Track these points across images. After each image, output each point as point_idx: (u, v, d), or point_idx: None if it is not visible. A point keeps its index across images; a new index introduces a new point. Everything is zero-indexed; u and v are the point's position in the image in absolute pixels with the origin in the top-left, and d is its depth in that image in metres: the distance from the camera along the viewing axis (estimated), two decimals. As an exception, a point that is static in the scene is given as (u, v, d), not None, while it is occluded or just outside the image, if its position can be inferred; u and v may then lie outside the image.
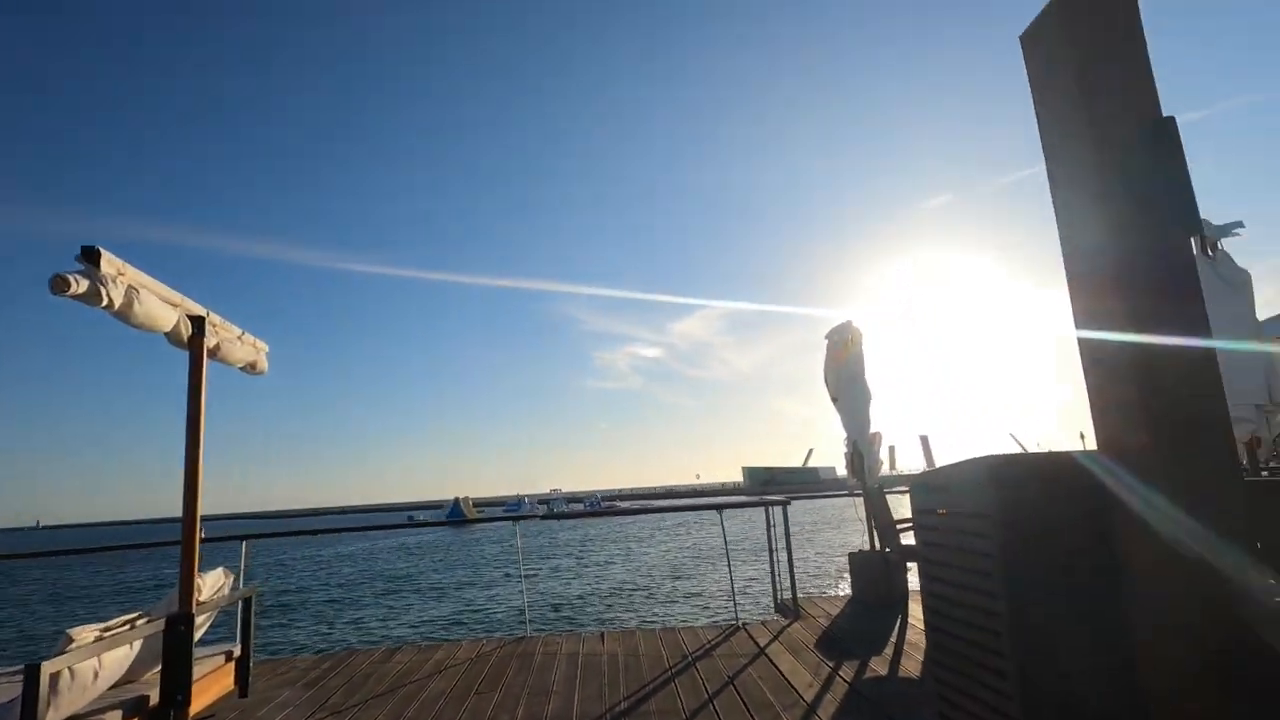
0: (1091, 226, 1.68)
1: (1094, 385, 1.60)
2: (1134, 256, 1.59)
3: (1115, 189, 1.59)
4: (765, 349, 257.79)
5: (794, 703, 3.41)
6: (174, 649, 3.19)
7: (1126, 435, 1.50)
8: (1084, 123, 1.64)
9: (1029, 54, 1.84)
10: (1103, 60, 1.59)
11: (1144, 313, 1.50)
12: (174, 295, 3.26)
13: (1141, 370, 1.46)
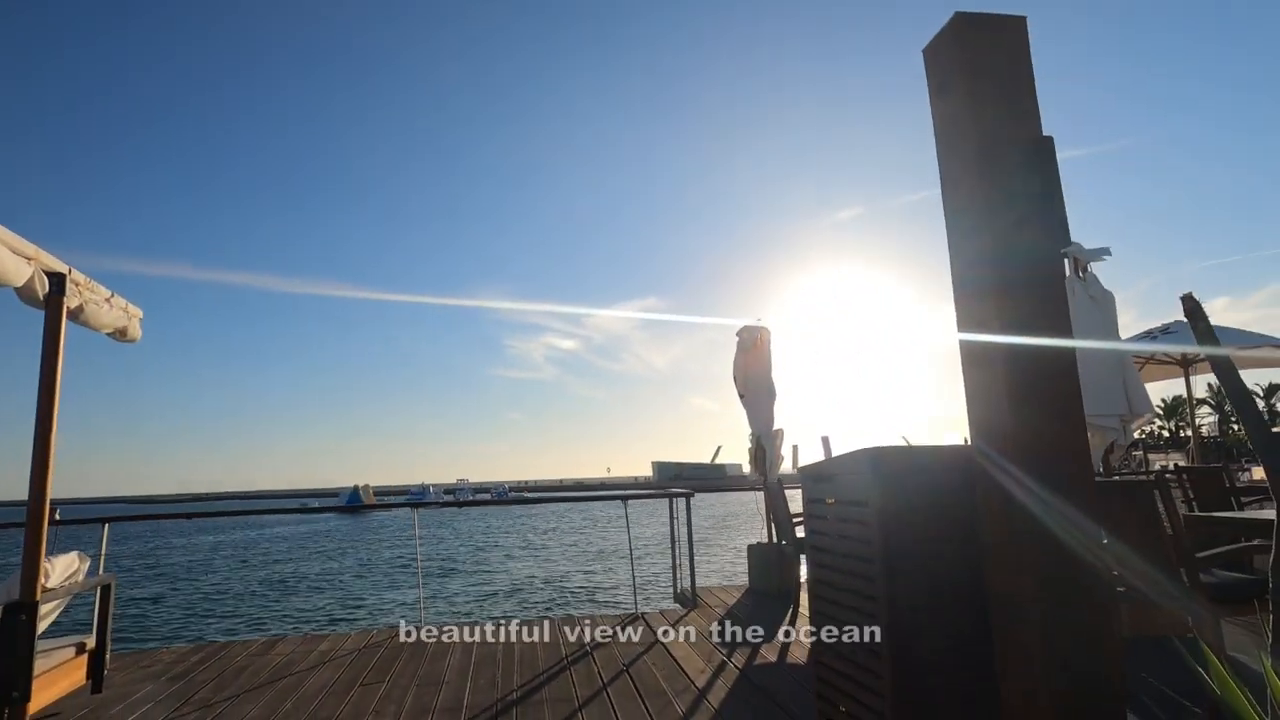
0: (976, 235, 1.78)
1: (970, 381, 1.71)
2: (1011, 265, 1.70)
3: (998, 202, 1.69)
4: (680, 346, 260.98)
5: (685, 688, 3.47)
6: (11, 640, 2.87)
7: (994, 425, 1.62)
8: (973, 137, 1.74)
9: (929, 69, 1.94)
10: (991, 78, 1.70)
11: (1017, 315, 1.62)
12: (27, 247, 2.92)
13: (1011, 367, 1.58)
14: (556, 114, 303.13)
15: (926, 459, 1.86)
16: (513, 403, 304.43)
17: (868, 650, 1.81)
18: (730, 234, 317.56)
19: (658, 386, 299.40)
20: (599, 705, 3.28)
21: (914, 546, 1.78)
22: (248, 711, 3.36)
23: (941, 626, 1.75)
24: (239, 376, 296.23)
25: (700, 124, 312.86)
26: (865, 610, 1.85)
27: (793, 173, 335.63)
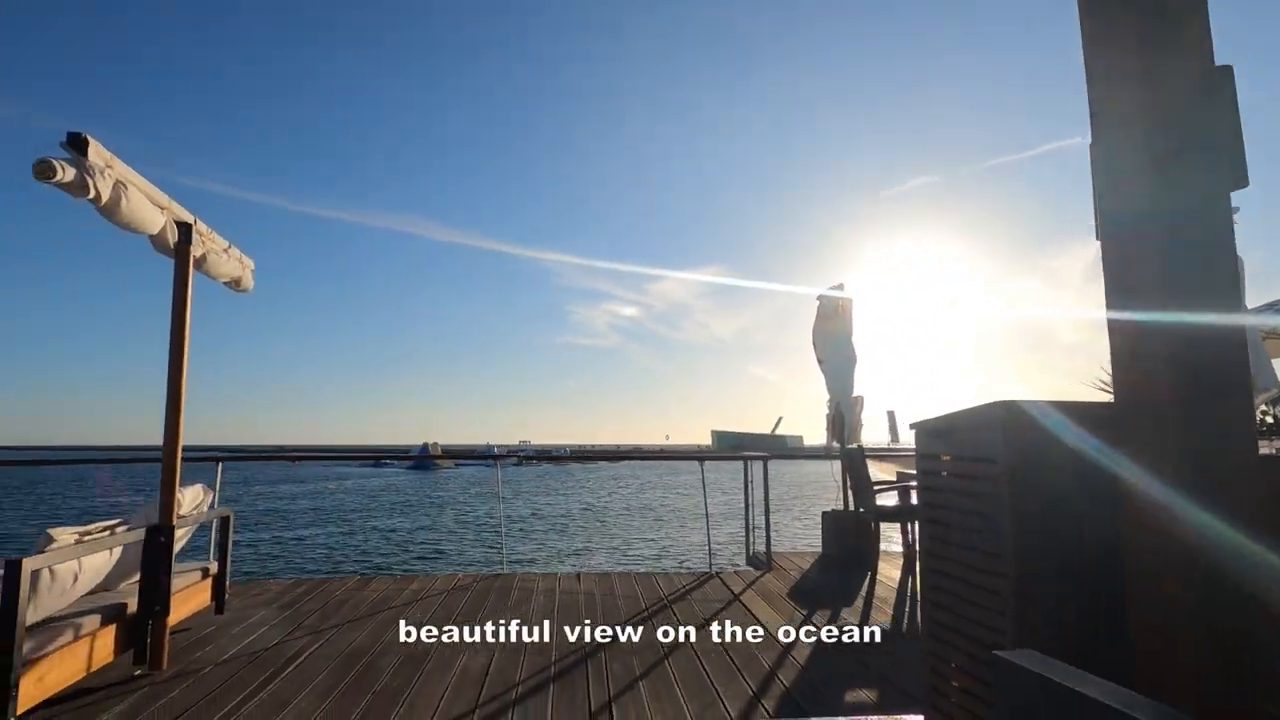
0: (1133, 180, 1.65)
1: (1118, 342, 1.61)
2: (1174, 213, 1.58)
3: (1166, 141, 1.56)
4: (746, 315, 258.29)
5: (769, 645, 3.50)
6: (153, 559, 3.14)
7: (1145, 393, 1.52)
8: (1134, 68, 1.61)
9: (1086, 7, 1.79)
10: (1164, 9, 1.55)
11: (1178, 272, 1.50)
12: (162, 197, 3.11)
13: (1169, 330, 1.47)
14: (630, 77, 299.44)
15: (1066, 416, 1.77)
16: (574, 369, 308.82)
17: (986, 619, 1.77)
18: (800, 202, 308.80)
19: (719, 356, 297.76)
20: (684, 655, 3.35)
21: (1046, 509, 1.71)
22: (352, 639, 3.58)
23: (1072, 595, 1.69)
24: (320, 335, 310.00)
25: (773, 88, 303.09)
26: (986, 573, 1.80)
27: (866, 141, 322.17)
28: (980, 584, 1.83)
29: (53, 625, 2.67)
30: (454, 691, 2.85)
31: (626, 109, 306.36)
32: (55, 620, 2.73)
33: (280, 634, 3.67)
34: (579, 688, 2.91)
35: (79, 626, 2.76)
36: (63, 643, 2.66)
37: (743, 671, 3.11)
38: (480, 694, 2.83)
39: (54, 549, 2.56)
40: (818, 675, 3.08)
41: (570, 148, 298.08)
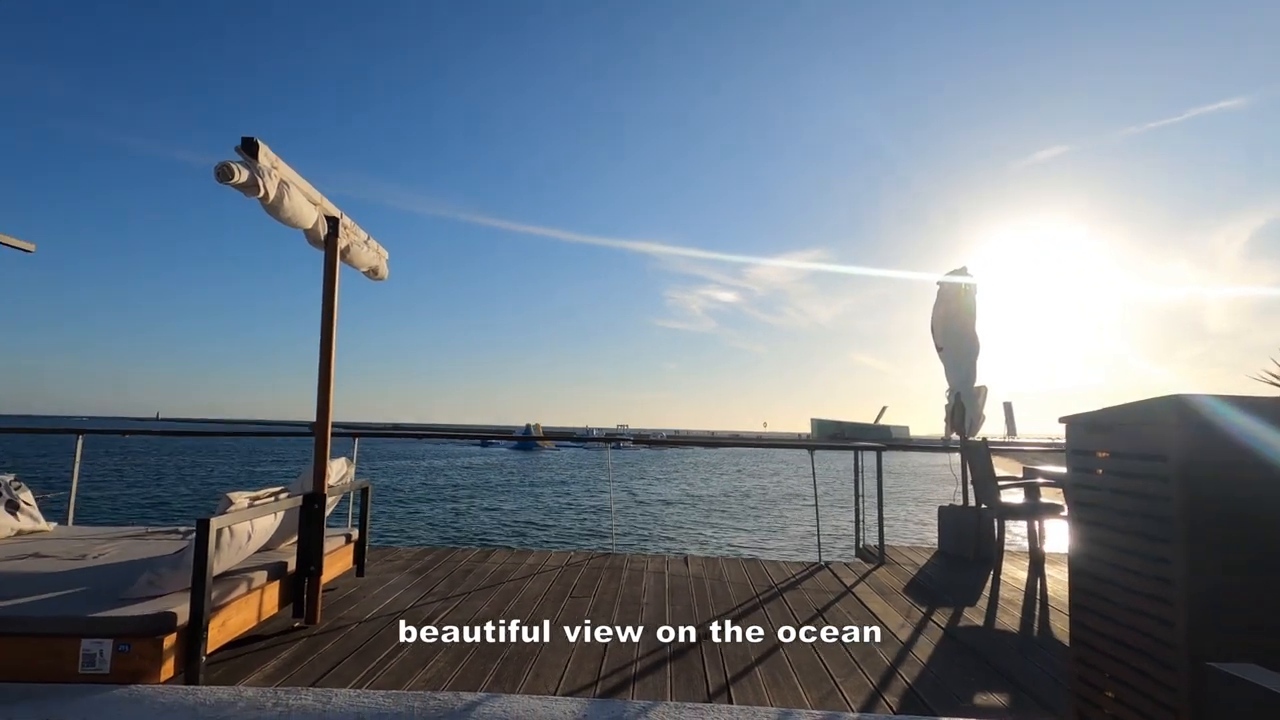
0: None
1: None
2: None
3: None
4: (848, 300, 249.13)
5: (887, 639, 3.41)
6: (309, 524, 3.48)
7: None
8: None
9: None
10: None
11: None
12: (315, 194, 3.39)
13: None
14: (727, 53, 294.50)
15: (1244, 412, 1.61)
16: (670, 353, 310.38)
17: (1151, 629, 1.64)
18: (912, 181, 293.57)
19: (819, 341, 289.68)
20: (798, 644, 3.32)
21: (1224, 510, 1.56)
22: (479, 607, 3.81)
23: (1262, 603, 1.53)
24: (431, 321, 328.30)
25: (881, 57, 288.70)
26: (1152, 578, 1.67)
27: (987, 111, 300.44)
28: (1144, 590, 1.70)
29: (230, 578, 3.02)
30: (576, 663, 2.97)
31: (725, 84, 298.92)
32: (232, 573, 3.08)
33: (414, 597, 3.96)
34: (695, 668, 2.96)
35: (250, 580, 3.11)
36: (239, 594, 3.00)
37: (861, 665, 3.05)
38: (601, 667, 2.94)
39: (232, 510, 2.89)
40: (941, 673, 2.97)
41: (666, 130, 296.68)
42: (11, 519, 3.98)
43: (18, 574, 3.09)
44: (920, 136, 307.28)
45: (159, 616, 2.53)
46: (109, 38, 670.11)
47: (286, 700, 2.35)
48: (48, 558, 3.44)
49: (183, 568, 2.81)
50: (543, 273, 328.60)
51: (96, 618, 2.50)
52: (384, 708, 2.30)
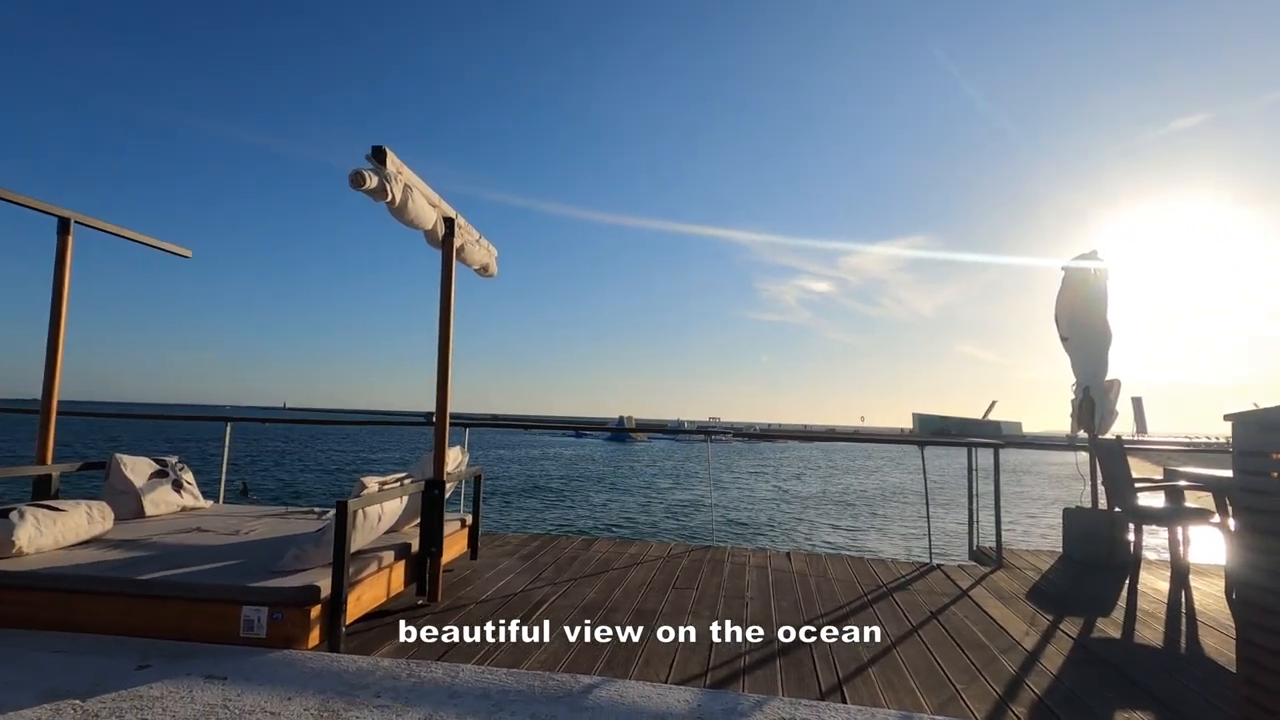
0: None
1: None
2: None
3: None
4: (952, 288, 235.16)
5: (1009, 647, 3.23)
6: (430, 508, 3.69)
7: None
8: None
9: None
10: None
11: None
12: (434, 196, 3.58)
13: None
14: (826, 35, 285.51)
15: None
16: (762, 345, 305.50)
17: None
18: (1024, 159, 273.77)
19: (920, 332, 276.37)
20: (913, 647, 3.20)
21: None
22: (586, 593, 3.91)
23: None
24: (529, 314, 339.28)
25: (991, 29, 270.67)
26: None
27: (1111, 80, 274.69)
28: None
29: (363, 556, 3.25)
30: (684, 653, 3.00)
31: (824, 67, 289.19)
32: (364, 552, 3.32)
33: (525, 582, 4.12)
34: (805, 665, 2.91)
35: (381, 559, 3.34)
36: (370, 572, 3.23)
37: (983, 672, 2.91)
38: (709, 658, 2.95)
39: (365, 494, 3.11)
40: (1074, 686, 2.78)
41: (756, 121, 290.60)
42: (177, 496, 4.46)
43: (185, 546, 3.47)
44: (1036, 112, 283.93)
45: (306, 589, 2.77)
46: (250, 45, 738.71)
47: (419, 672, 2.51)
48: (208, 532, 3.83)
49: (324, 545, 3.06)
50: (637, 265, 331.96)
51: (254, 587, 2.77)
52: (507, 684, 2.42)
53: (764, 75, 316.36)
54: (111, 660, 2.54)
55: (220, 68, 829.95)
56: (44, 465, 4.09)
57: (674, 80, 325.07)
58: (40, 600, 2.85)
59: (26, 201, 3.88)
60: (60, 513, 3.37)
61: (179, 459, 4.72)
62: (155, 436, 38.62)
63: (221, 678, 2.40)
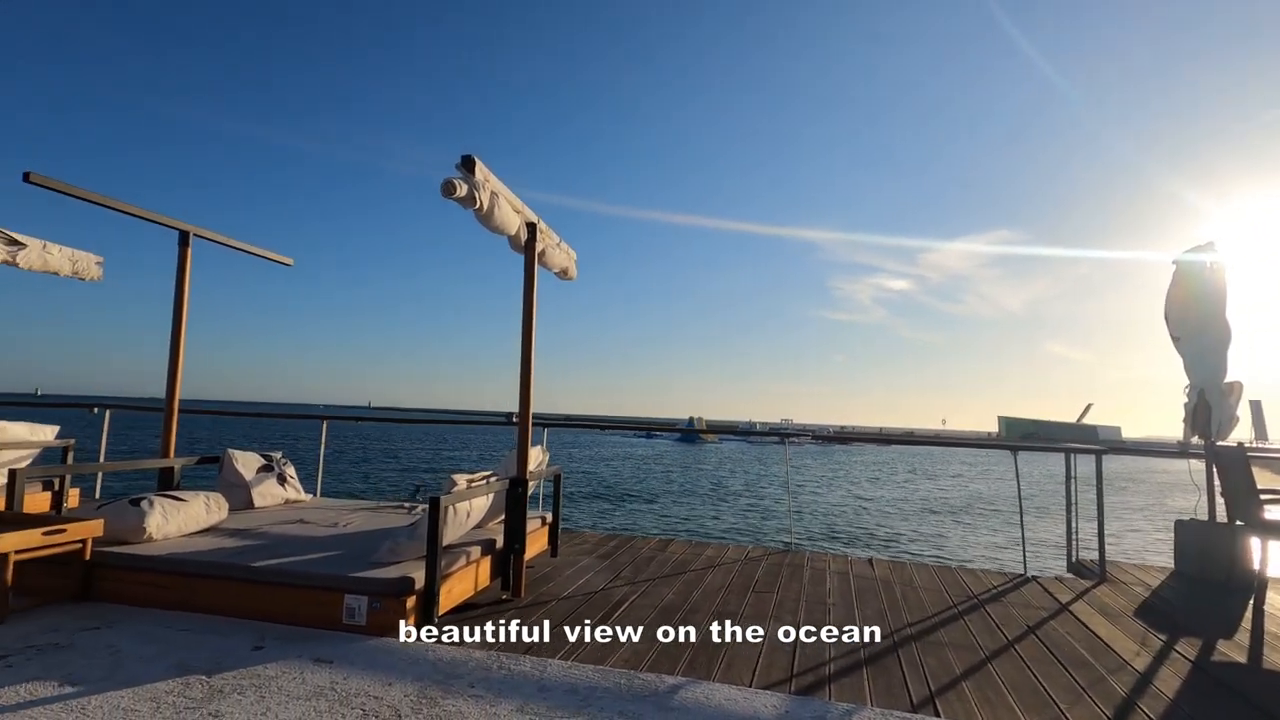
0: None
1: None
2: None
3: None
4: (1040, 284, 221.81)
5: (1119, 667, 3.03)
6: (514, 505, 3.79)
7: None
8: None
9: None
10: None
11: None
12: (518, 202, 3.68)
13: None
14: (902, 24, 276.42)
15: None
16: (835, 345, 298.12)
17: None
18: (1119, 143, 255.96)
19: (1007, 331, 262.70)
20: (1010, 662, 3.05)
21: None
22: (665, 594, 3.92)
23: None
24: (596, 315, 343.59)
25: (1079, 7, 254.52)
26: None
27: (1220, 57, 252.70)
28: None
29: (452, 550, 3.38)
30: (767, 657, 2.96)
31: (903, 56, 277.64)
32: (453, 547, 3.44)
33: (604, 580, 4.17)
34: (894, 676, 2.83)
35: (469, 554, 3.46)
36: (459, 565, 3.35)
37: (1089, 691, 2.74)
38: (793, 663, 2.90)
39: (455, 491, 3.23)
40: (1194, 713, 2.57)
41: (835, 113, 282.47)
42: (281, 489, 4.76)
43: (291, 536, 3.70)
44: (1131, 98, 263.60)
45: (402, 580, 2.90)
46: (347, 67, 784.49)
47: (509, 665, 2.58)
48: (310, 524, 4.07)
49: (417, 539, 3.20)
50: (705, 263, 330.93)
51: (355, 577, 2.93)
52: (594, 681, 2.46)
53: (837, 64, 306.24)
54: (230, 640, 2.74)
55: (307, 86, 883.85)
56: (167, 459, 4.45)
57: (742, 76, 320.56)
58: (168, 582, 3.10)
59: (151, 216, 4.23)
60: (183, 503, 3.66)
61: (282, 454, 5.04)
62: (251, 433, 41.30)
63: (328, 661, 2.54)
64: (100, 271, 5.38)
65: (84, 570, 3.17)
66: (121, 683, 2.31)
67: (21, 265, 4.86)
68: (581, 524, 13.38)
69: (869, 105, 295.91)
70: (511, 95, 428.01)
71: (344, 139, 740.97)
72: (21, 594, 3.16)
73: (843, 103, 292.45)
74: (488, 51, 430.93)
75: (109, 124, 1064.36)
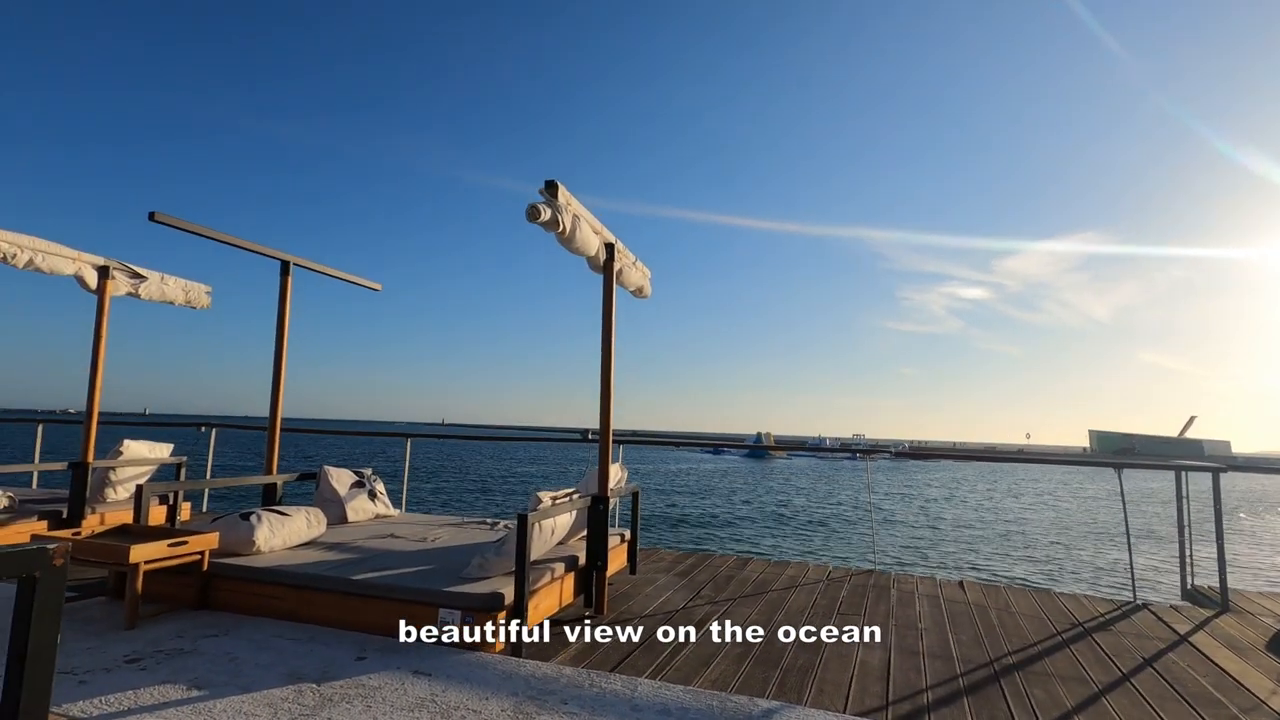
0: None
1: None
2: None
3: None
4: (1130, 289, 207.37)
5: (1254, 707, 2.78)
6: (596, 522, 3.83)
7: None
8: None
9: None
10: None
11: None
12: (597, 223, 3.75)
13: None
14: (977, 19, 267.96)
15: None
16: (906, 357, 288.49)
17: None
18: (1208, 135, 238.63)
19: (1094, 340, 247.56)
20: (1126, 696, 2.85)
21: None
22: (747, 614, 3.86)
23: None
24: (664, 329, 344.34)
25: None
26: None
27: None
28: None
29: (538, 567, 3.44)
30: (859, 683, 2.87)
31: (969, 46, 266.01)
32: (539, 563, 3.50)
33: (684, 598, 4.15)
34: (998, 707, 2.69)
35: (554, 570, 3.51)
36: (545, 582, 3.40)
37: (1221, 733, 2.52)
38: (888, 691, 2.80)
39: (541, 508, 3.29)
40: (1350, 762, 2.33)
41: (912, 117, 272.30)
42: (372, 505, 4.97)
43: (384, 550, 3.85)
44: (1226, 87, 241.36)
45: (493, 595, 2.97)
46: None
47: (600, 682, 2.60)
48: (400, 538, 4.23)
49: (504, 554, 3.27)
50: (770, 276, 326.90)
51: (448, 591, 3.02)
52: (685, 702, 2.44)
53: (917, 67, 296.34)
54: (335, 650, 2.87)
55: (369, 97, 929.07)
56: (271, 475, 4.73)
57: (810, 71, 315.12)
58: (278, 593, 3.29)
59: (255, 248, 4.54)
60: (287, 517, 3.87)
61: (372, 470, 5.27)
62: (334, 449, 43.29)
63: (427, 674, 2.63)
64: (209, 300, 5.80)
65: (203, 580, 3.40)
66: (242, 688, 2.45)
67: (143, 296, 5.30)
68: (655, 540, 13.36)
69: (944, 107, 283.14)
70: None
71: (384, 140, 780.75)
72: (149, 601, 3.41)
73: (911, 105, 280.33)
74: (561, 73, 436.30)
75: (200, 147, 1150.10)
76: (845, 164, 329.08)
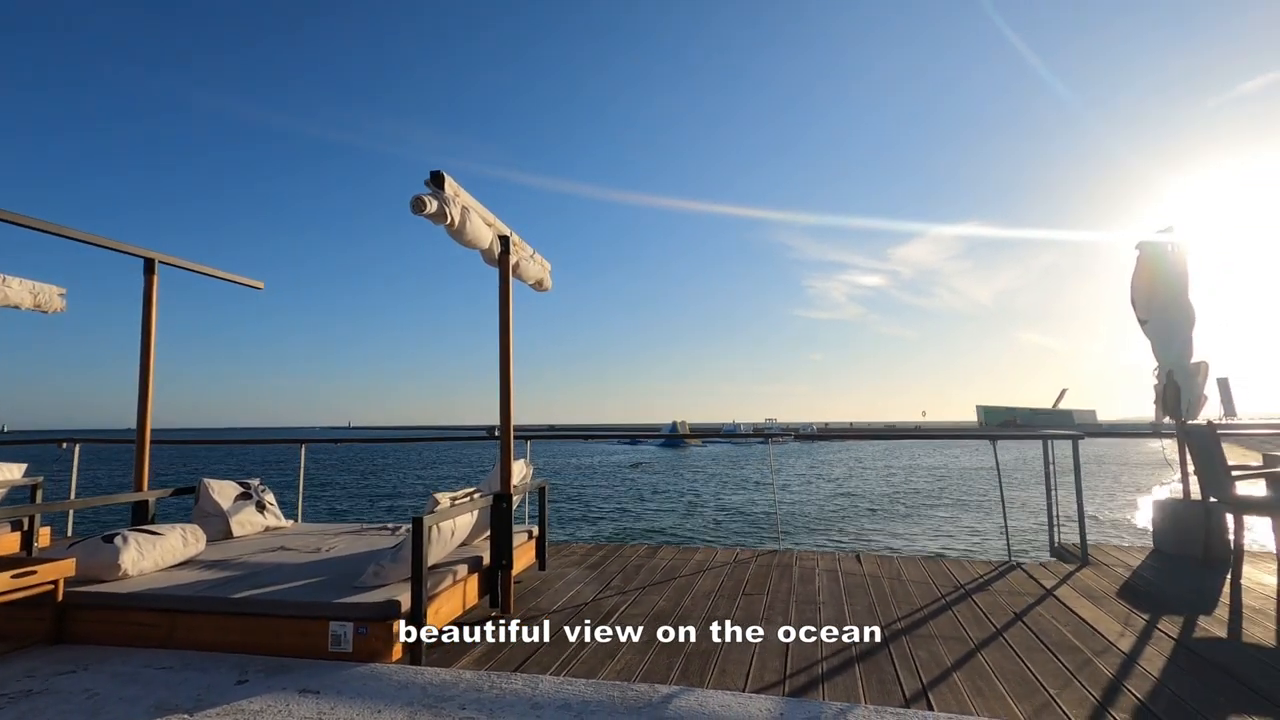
0: None
1: None
2: None
3: None
4: (1009, 275, 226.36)
5: (1105, 649, 3.07)
6: (500, 520, 3.75)
7: None
8: None
9: None
10: None
11: None
12: (490, 215, 3.66)
13: None
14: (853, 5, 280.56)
15: None
16: (813, 343, 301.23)
17: None
18: (1080, 131, 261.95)
19: (979, 323, 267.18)
20: (999, 650, 3.08)
21: None
22: (655, 601, 3.91)
23: None
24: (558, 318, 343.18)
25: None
26: None
27: (1175, 40, 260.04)
28: None
29: (438, 570, 3.33)
30: (759, 660, 2.96)
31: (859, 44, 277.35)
32: (439, 566, 3.40)
33: (594, 591, 4.15)
34: (886, 671, 2.84)
35: (455, 572, 3.41)
36: (446, 585, 3.31)
37: (1077, 675, 2.77)
38: (785, 665, 2.90)
39: (439, 510, 3.19)
40: (1180, 691, 2.62)
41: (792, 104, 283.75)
42: (261, 517, 4.67)
43: (272, 564, 3.63)
44: (1093, 77, 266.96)
45: (388, 604, 2.85)
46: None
47: (500, 684, 2.55)
48: (291, 550, 3.99)
49: (401, 560, 3.15)
50: (682, 266, 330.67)
51: (340, 603, 2.87)
52: (587, 695, 2.43)
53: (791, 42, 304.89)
54: (212, 675, 2.67)
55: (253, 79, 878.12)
56: (141, 492, 4.34)
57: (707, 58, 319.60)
58: (146, 619, 3.02)
59: (114, 245, 4.14)
60: (159, 536, 3.57)
61: (260, 481, 4.94)
62: (227, 460, 40.53)
63: (315, 691, 2.49)
64: (63, 303, 5.25)
65: (57, 612, 3.08)
66: (100, 727, 2.24)
67: (-20, 301, 4.73)
68: (574, 534, 13.31)
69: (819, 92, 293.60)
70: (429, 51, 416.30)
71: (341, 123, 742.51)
72: (-8, 640, 3.06)
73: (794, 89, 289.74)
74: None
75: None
76: (769, 156, 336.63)
